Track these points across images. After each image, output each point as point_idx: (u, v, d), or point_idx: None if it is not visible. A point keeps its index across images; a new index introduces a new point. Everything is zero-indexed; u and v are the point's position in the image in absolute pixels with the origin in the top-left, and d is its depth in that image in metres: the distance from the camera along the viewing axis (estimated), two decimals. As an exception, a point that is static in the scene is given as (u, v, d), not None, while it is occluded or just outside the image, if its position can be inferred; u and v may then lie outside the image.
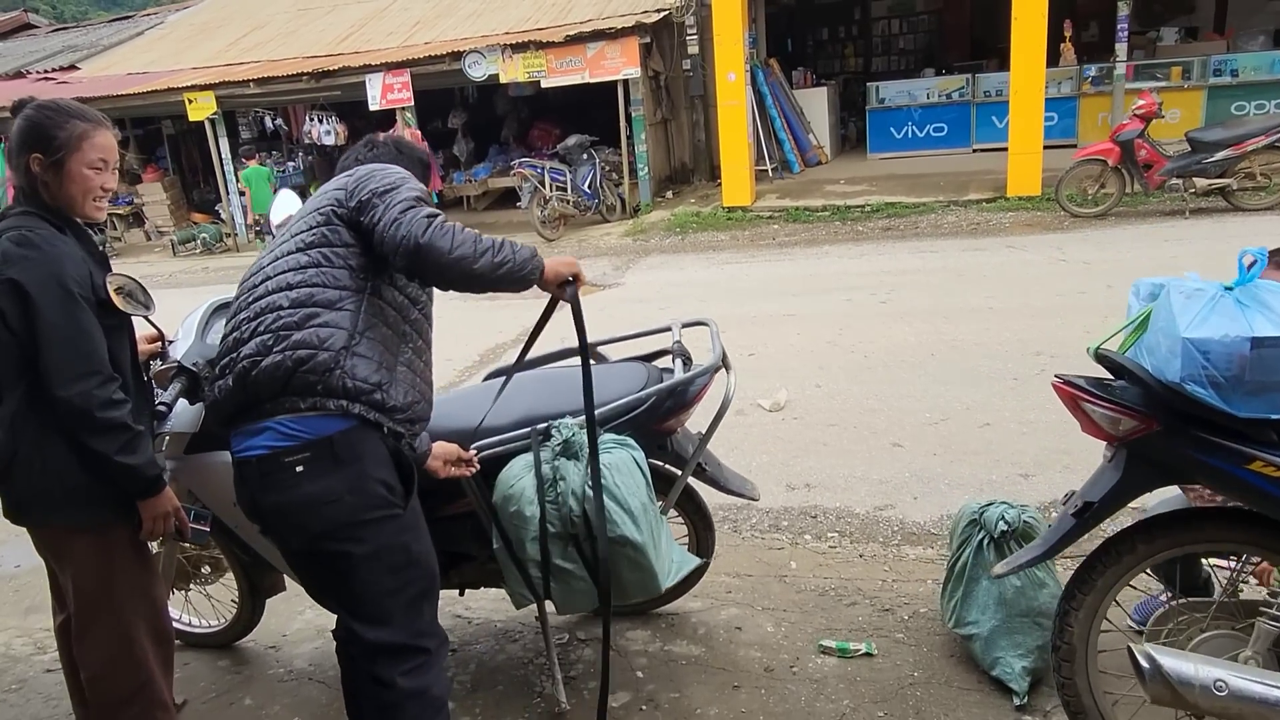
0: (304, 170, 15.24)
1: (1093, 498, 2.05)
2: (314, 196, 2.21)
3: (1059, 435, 4.40)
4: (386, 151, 2.34)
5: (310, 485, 1.96)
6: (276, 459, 1.97)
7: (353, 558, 2.01)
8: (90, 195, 2.12)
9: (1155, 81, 11.35)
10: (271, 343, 1.99)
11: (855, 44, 17.47)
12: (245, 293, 2.12)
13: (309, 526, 2.00)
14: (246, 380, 2.00)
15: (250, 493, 2.04)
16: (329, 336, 1.99)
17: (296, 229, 2.13)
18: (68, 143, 2.07)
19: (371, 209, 2.01)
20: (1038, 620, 2.53)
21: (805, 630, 2.99)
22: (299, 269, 2.05)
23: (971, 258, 8.31)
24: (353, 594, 2.06)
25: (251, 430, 2.00)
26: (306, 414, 1.97)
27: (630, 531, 2.29)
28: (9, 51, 20.38)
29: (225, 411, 2.07)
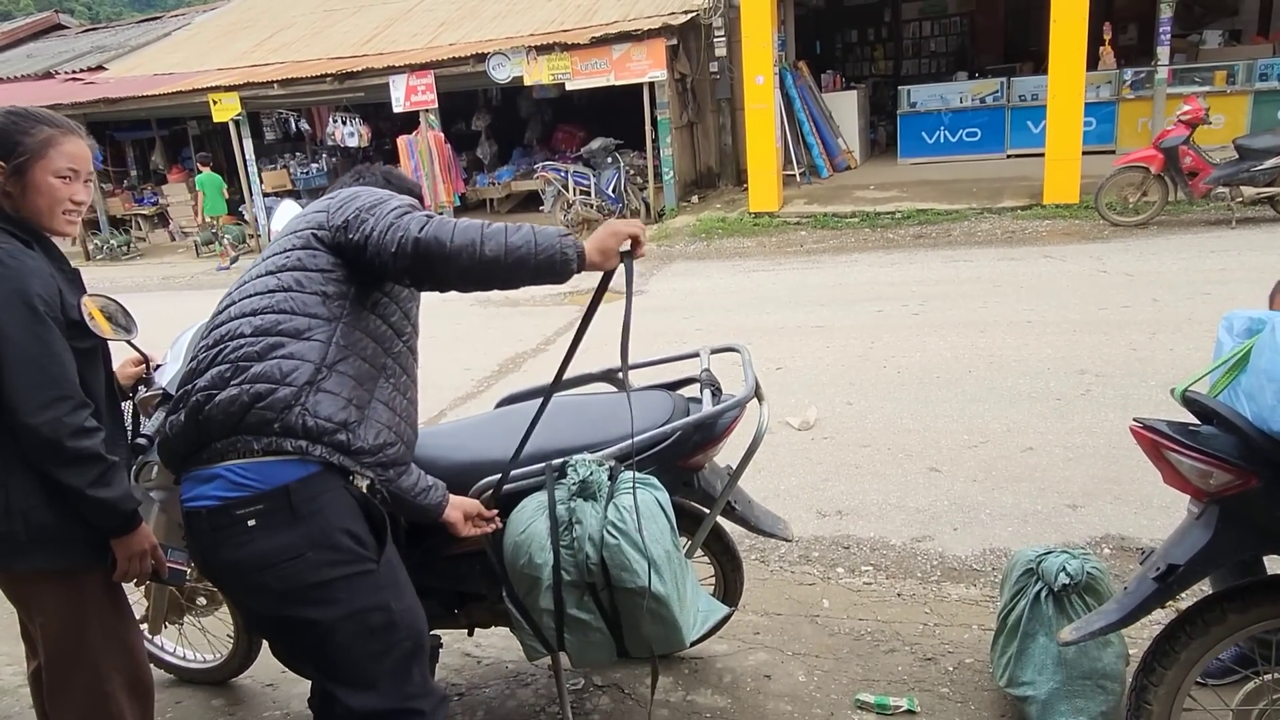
0: (327, 172, 15.17)
1: (1177, 560, 1.80)
2: (291, 220, 2.02)
3: (1107, 462, 4.14)
4: (373, 181, 2.16)
5: (266, 541, 1.74)
6: (227, 512, 1.75)
7: (325, 622, 1.80)
8: (59, 207, 1.94)
9: (1198, 86, 10.99)
10: (229, 374, 1.78)
11: (885, 46, 17.17)
12: (211, 320, 1.93)
13: (270, 587, 1.77)
14: (199, 415, 1.79)
15: (201, 548, 1.82)
16: (292, 370, 1.78)
17: (270, 251, 1.93)
18: (32, 149, 1.89)
19: (361, 223, 1.81)
20: (1101, 683, 2.29)
21: (840, 680, 2.76)
22: (266, 293, 1.85)
23: (1007, 267, 8.03)
24: (331, 661, 1.84)
25: (201, 477, 1.79)
26: (260, 458, 1.75)
27: (653, 583, 2.07)
28: (39, 52, 20.51)
29: (176, 451, 1.85)
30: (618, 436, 2.31)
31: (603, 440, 2.31)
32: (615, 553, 2.08)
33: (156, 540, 2.46)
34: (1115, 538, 3.55)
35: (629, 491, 2.16)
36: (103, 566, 1.98)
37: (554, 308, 8.35)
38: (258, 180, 14.23)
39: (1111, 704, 2.29)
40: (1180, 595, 2.03)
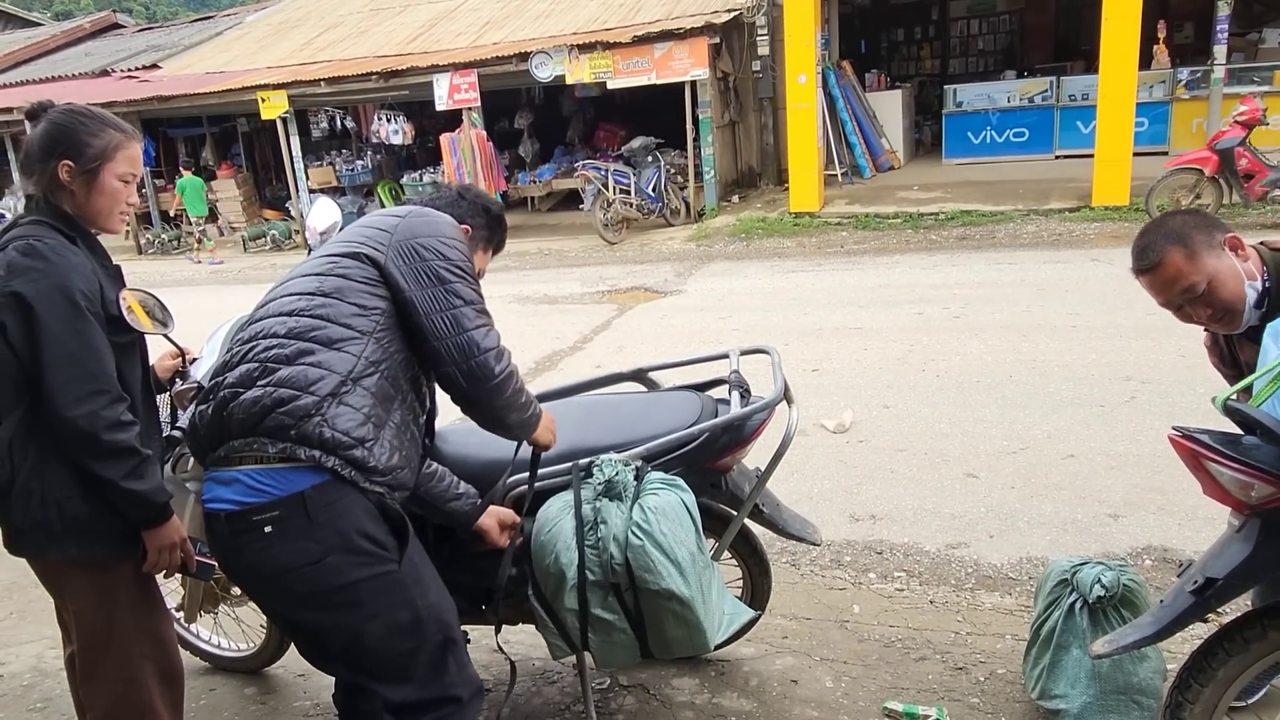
0: (372, 169, 15.36)
1: (1216, 573, 1.75)
2: (351, 227, 2.04)
3: (1151, 471, 4.04)
4: (446, 195, 2.19)
5: (284, 547, 1.76)
6: (244, 517, 1.76)
7: (353, 625, 1.82)
8: (118, 209, 2.02)
9: (1255, 86, 10.67)
10: (256, 374, 1.80)
11: (932, 45, 16.93)
12: (251, 314, 1.96)
13: (294, 591, 1.80)
14: (224, 411, 1.81)
15: (221, 550, 1.85)
16: (318, 379, 1.79)
17: (321, 253, 1.96)
18: (104, 152, 1.95)
19: (427, 298, 1.86)
20: (1137, 699, 2.24)
21: (868, 687, 2.72)
22: (306, 294, 1.87)
23: (1053, 270, 7.87)
24: (363, 660, 1.86)
25: (220, 479, 1.81)
26: (275, 465, 1.76)
27: (677, 585, 2.06)
28: (97, 50, 21.04)
29: (201, 443, 1.87)
30: (645, 436, 2.31)
31: (630, 440, 2.30)
32: (639, 554, 2.08)
33: (189, 533, 2.52)
34: (1157, 549, 3.46)
35: (655, 492, 2.16)
36: (134, 557, 2.01)
37: (592, 305, 8.36)
38: (304, 177, 14.45)
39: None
40: (1220, 610, 1.98)
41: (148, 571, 2.05)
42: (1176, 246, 1.97)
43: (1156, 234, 2.02)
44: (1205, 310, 1.99)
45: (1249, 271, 1.98)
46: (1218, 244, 1.98)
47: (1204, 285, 1.95)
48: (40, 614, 3.63)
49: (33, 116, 2.01)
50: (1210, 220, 2.04)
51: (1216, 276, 1.95)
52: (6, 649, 3.38)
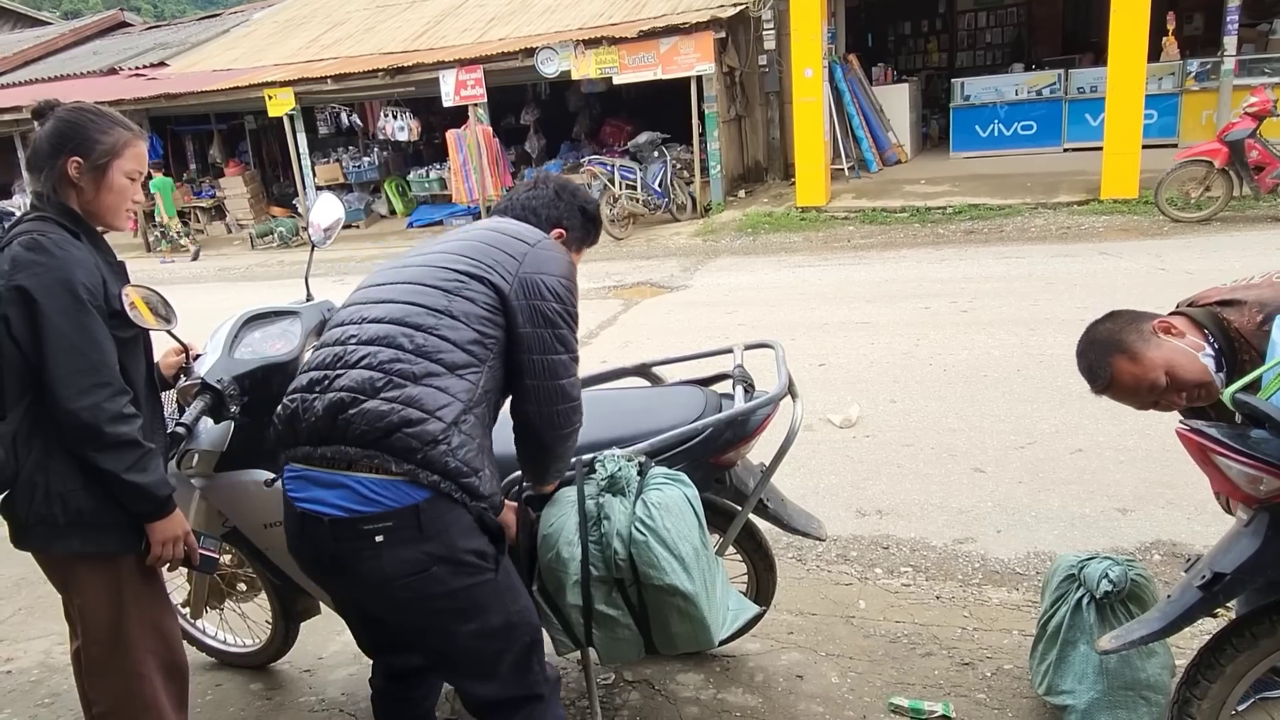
0: (378, 166, 15.38)
1: (1223, 568, 1.73)
2: (473, 240, 1.98)
3: (1160, 465, 4.02)
4: (543, 194, 2.19)
5: (392, 556, 1.75)
6: (354, 525, 1.74)
7: (448, 628, 1.84)
8: (124, 206, 2.03)
9: (1266, 77, 10.58)
10: (381, 384, 1.77)
11: (939, 38, 16.83)
12: (362, 304, 1.92)
13: (396, 597, 1.80)
14: (339, 415, 1.77)
15: (314, 551, 1.83)
16: (445, 405, 1.78)
17: (439, 260, 1.92)
18: (113, 149, 1.96)
19: (538, 339, 1.88)
20: (1145, 694, 2.22)
21: (874, 683, 2.71)
22: (432, 312, 1.83)
23: (1061, 264, 7.83)
24: (453, 660, 1.90)
25: (322, 481, 1.78)
26: (395, 478, 1.75)
27: (680, 580, 2.05)
28: (105, 49, 21.11)
29: (296, 434, 1.83)
30: (649, 432, 2.30)
31: (633, 435, 2.30)
32: (643, 549, 2.07)
33: (193, 527, 2.52)
34: (1166, 544, 3.44)
35: (658, 488, 2.15)
36: (139, 551, 2.02)
37: (598, 301, 8.35)
38: (311, 174, 14.47)
39: (1155, 716, 2.22)
40: (1228, 606, 1.96)
41: (151, 565, 2.05)
42: (1117, 356, 1.98)
43: (1092, 352, 2.04)
44: (1179, 396, 1.97)
45: (1193, 344, 1.97)
46: (1150, 334, 1.98)
47: (1164, 377, 1.94)
48: (48, 609, 3.65)
49: (39, 115, 2.01)
50: (1132, 316, 2.04)
51: (1170, 363, 1.94)
52: (15, 644, 3.40)
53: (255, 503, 2.52)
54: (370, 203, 15.53)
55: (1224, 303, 2.02)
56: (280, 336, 2.49)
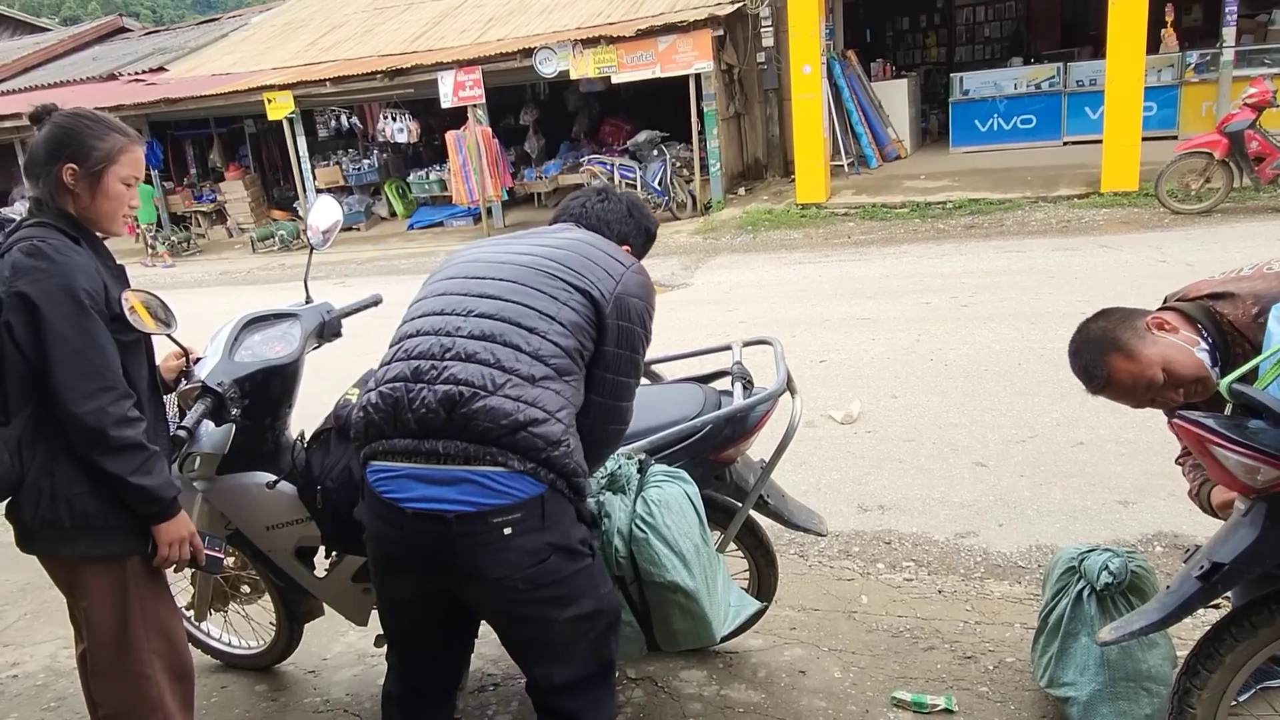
0: (378, 168, 15.39)
1: (1222, 558, 1.73)
2: (570, 250, 1.98)
3: (1162, 457, 3.97)
4: (616, 209, 2.20)
5: (519, 547, 1.76)
6: (482, 519, 1.73)
7: (549, 615, 1.85)
8: (120, 211, 2.03)
9: (1266, 68, 10.55)
10: (501, 382, 1.76)
11: (937, 33, 16.81)
12: (463, 295, 1.89)
13: (516, 588, 1.79)
14: (457, 408, 1.74)
15: (424, 549, 1.79)
16: (562, 408, 1.80)
17: (542, 264, 1.92)
18: (108, 155, 1.96)
19: (618, 359, 1.92)
20: (1146, 686, 2.22)
21: (876, 678, 2.72)
22: (544, 316, 1.84)
23: (1062, 258, 7.82)
24: (543, 646, 1.90)
25: (434, 478, 1.75)
26: (514, 469, 1.75)
27: (681, 577, 2.07)
28: (104, 55, 21.14)
29: (401, 428, 1.78)
30: (648, 429, 2.31)
31: (633, 433, 2.30)
32: (643, 546, 2.08)
33: (196, 528, 2.52)
34: (1168, 535, 3.45)
35: (658, 485, 2.16)
36: (144, 553, 2.03)
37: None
38: (311, 177, 14.49)
39: (1157, 707, 2.22)
40: (1227, 596, 1.97)
41: (158, 566, 2.06)
42: (1113, 354, 1.96)
43: (1087, 352, 2.02)
44: (1176, 393, 1.95)
45: (1188, 339, 1.95)
46: (1144, 331, 1.96)
47: (1161, 374, 1.92)
48: (54, 614, 3.66)
49: (37, 120, 2.02)
50: (1125, 313, 2.02)
51: (1167, 359, 1.92)
52: (21, 649, 3.41)
53: (258, 505, 2.53)
54: (370, 205, 15.54)
55: (1215, 295, 2.01)
56: (280, 339, 2.50)
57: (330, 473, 2.43)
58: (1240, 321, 1.94)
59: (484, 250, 2.04)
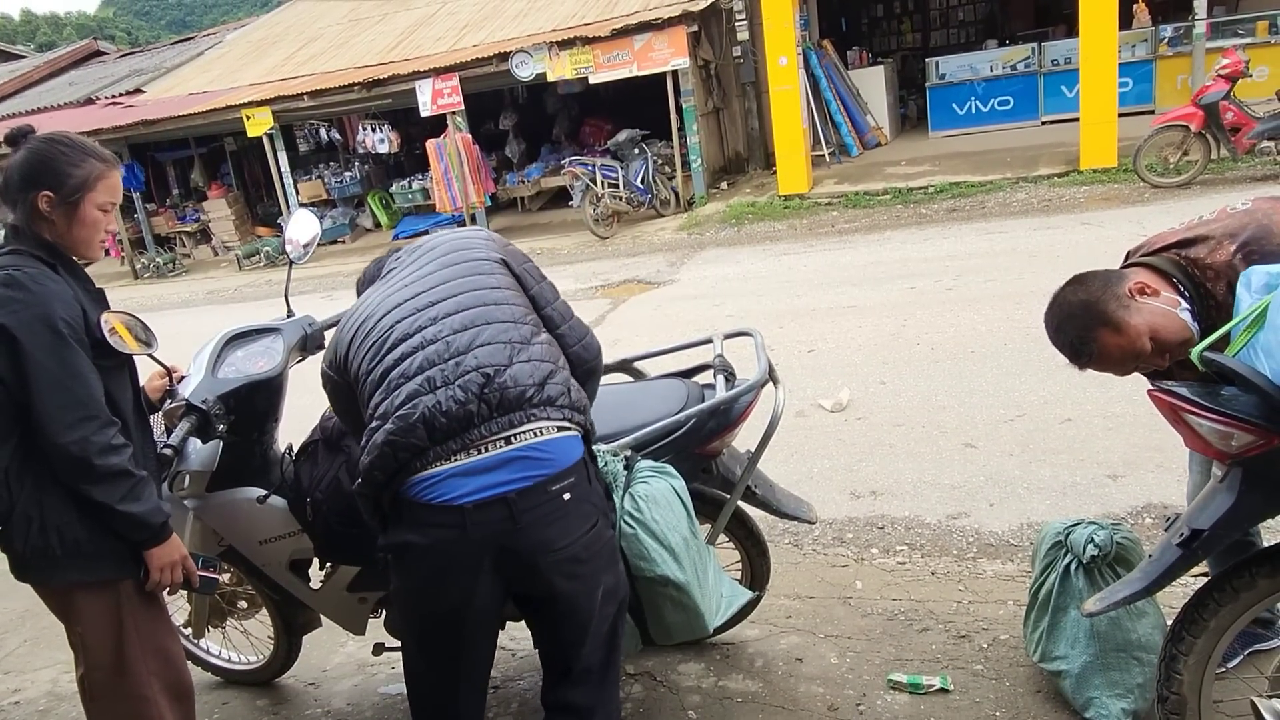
0: (360, 180, 15.36)
1: (1201, 525, 1.76)
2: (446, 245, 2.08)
3: (1149, 430, 4.04)
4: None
5: (578, 512, 1.82)
6: (542, 490, 1.77)
7: (594, 592, 1.87)
8: (98, 237, 2.04)
9: (1239, 38, 10.61)
10: (510, 353, 1.84)
11: (912, 19, 16.86)
12: (416, 304, 1.92)
13: (578, 558, 1.81)
14: (485, 390, 1.78)
15: (493, 534, 1.75)
16: (556, 357, 1.92)
17: (454, 259, 2.01)
18: (84, 183, 1.96)
19: (544, 289, 2.06)
20: (1137, 655, 2.25)
21: (873, 661, 2.74)
22: (494, 289, 1.95)
23: (1044, 237, 7.86)
24: (584, 625, 1.89)
25: (483, 467, 1.75)
26: (557, 435, 1.81)
27: (671, 571, 2.08)
28: (80, 79, 21.04)
29: (438, 434, 1.76)
30: (633, 426, 2.33)
31: (618, 430, 2.32)
32: (633, 542, 2.09)
33: (189, 549, 2.52)
34: (1158, 507, 3.47)
35: (645, 481, 2.17)
36: (136, 577, 2.03)
37: (585, 301, 8.36)
38: (294, 192, 14.46)
39: (1148, 676, 2.24)
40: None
41: (151, 590, 2.06)
42: (1101, 329, 1.92)
43: (1072, 327, 1.96)
44: (1163, 358, 1.93)
45: (1170, 300, 1.92)
46: (1128, 300, 1.91)
47: (1149, 343, 1.89)
48: (54, 639, 3.66)
49: (13, 142, 2.02)
50: (1103, 280, 1.96)
51: (1153, 327, 1.89)
52: (22, 675, 3.41)
53: (249, 520, 2.54)
54: (355, 217, 15.51)
55: (1183, 243, 1.98)
56: (263, 354, 2.51)
57: (319, 484, 2.45)
58: (1218, 263, 1.90)
59: (386, 288, 2.04)
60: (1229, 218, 1.96)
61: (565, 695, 1.94)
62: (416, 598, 1.85)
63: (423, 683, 1.98)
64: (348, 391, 1.98)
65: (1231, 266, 1.88)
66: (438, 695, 1.96)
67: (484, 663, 1.98)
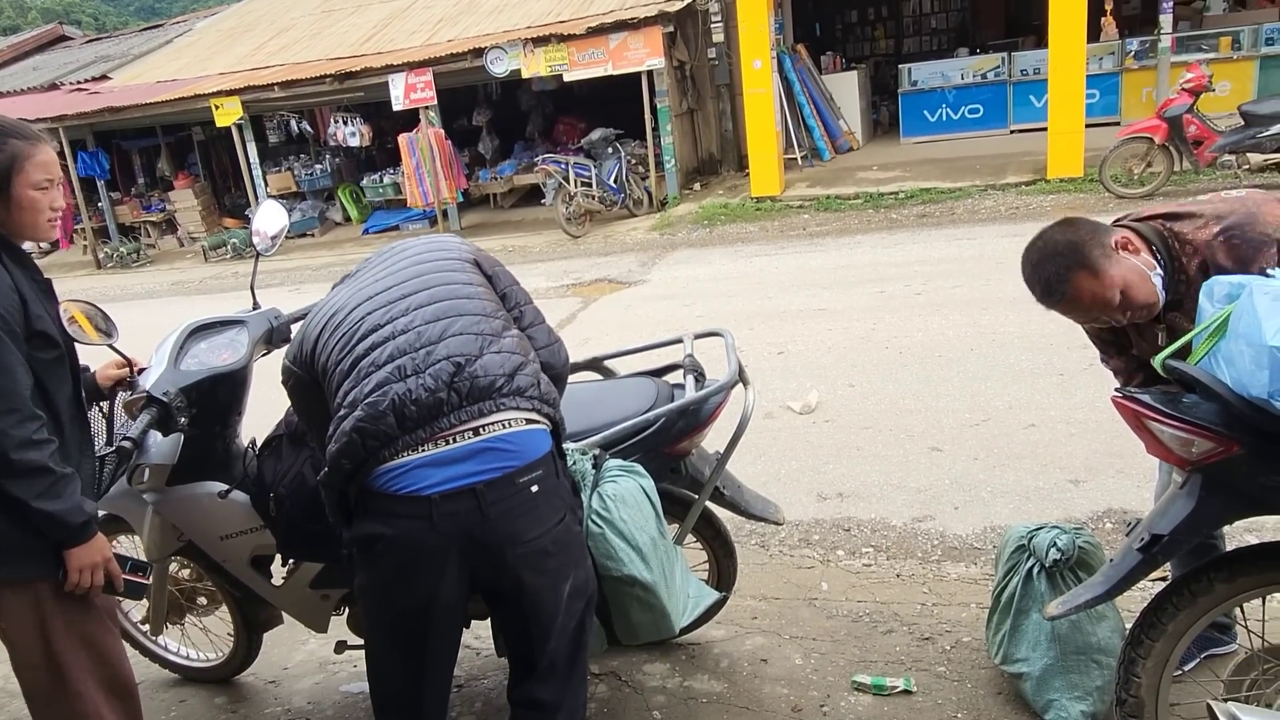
0: (331, 173, 15.19)
1: (1161, 530, 1.78)
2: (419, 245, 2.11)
3: (1110, 436, 4.10)
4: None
5: (547, 504, 1.82)
6: (510, 481, 1.77)
7: (559, 588, 1.86)
8: (42, 218, 1.94)
9: (1203, 53, 10.84)
10: (482, 344, 1.85)
11: (885, 25, 17.03)
12: (389, 303, 1.91)
13: (543, 550, 1.81)
14: (455, 380, 1.78)
15: (460, 525, 1.75)
16: (527, 351, 1.93)
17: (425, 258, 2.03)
18: (10, 165, 1.87)
19: (515, 291, 2.08)
20: (1096, 658, 2.28)
21: (837, 663, 2.76)
22: (466, 285, 1.96)
23: (1011, 244, 7.92)
24: (551, 619, 1.88)
25: (452, 458, 1.76)
26: (526, 427, 1.82)
27: (638, 570, 2.08)
28: (44, 64, 20.62)
29: (407, 422, 1.76)
30: (602, 425, 2.32)
31: (587, 429, 2.31)
32: (600, 541, 2.09)
33: (146, 543, 2.47)
34: (1118, 511, 3.53)
35: (614, 480, 2.16)
36: (56, 577, 1.95)
37: (556, 300, 8.34)
38: (263, 184, 14.26)
39: (1107, 679, 2.28)
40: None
41: (70, 592, 1.97)
42: (1080, 271, 1.92)
43: (1052, 265, 1.95)
44: (1124, 314, 1.95)
45: (1147, 263, 1.95)
46: (1111, 251, 1.92)
47: (1119, 296, 1.91)
48: (4, 636, 3.58)
49: None
50: (1092, 227, 1.96)
51: (1127, 282, 1.91)
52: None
53: (210, 515, 2.50)
54: (325, 210, 15.34)
55: (1172, 216, 2.00)
56: (227, 346, 2.46)
57: (283, 479, 2.41)
58: (1199, 240, 1.93)
59: (357, 283, 2.04)
60: (1221, 202, 1.99)
61: (531, 691, 1.93)
62: (383, 591, 1.83)
63: (387, 678, 1.95)
64: (310, 388, 1.95)
65: (1210, 246, 1.92)
66: (402, 690, 1.93)
67: (449, 656, 1.96)
